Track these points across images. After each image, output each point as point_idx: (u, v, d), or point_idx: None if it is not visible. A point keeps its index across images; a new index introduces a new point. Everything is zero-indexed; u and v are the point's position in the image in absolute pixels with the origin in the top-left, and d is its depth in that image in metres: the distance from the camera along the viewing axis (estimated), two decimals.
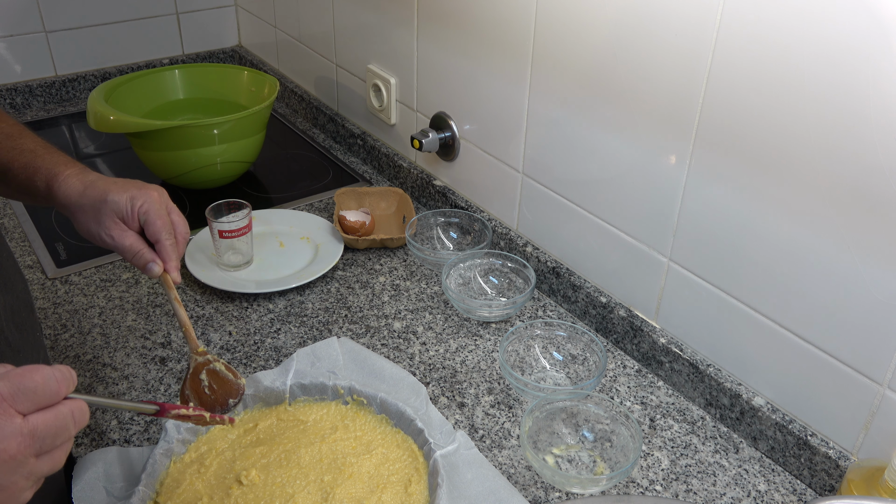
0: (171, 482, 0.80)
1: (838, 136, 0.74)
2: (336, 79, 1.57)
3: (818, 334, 0.82)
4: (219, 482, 0.80)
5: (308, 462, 0.82)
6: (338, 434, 0.86)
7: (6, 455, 0.50)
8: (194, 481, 0.80)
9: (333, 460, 0.82)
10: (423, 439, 0.84)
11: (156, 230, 0.81)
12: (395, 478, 0.81)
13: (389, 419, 0.89)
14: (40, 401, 0.52)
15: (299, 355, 0.95)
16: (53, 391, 0.53)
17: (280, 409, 0.90)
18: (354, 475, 0.81)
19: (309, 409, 0.90)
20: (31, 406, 0.52)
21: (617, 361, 1.04)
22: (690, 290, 0.95)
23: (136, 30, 1.79)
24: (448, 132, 1.26)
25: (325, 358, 0.95)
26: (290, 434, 0.86)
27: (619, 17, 0.91)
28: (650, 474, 0.87)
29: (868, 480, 0.75)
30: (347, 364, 0.96)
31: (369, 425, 0.88)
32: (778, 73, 0.77)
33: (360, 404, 0.90)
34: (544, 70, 1.04)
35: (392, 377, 0.94)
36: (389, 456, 0.84)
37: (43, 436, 0.52)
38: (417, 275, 1.19)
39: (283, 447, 0.84)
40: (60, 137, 1.63)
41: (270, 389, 0.90)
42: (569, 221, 1.09)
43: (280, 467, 0.81)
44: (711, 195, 0.88)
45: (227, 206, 1.15)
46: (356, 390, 0.90)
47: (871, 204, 0.73)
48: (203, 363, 0.79)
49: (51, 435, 0.53)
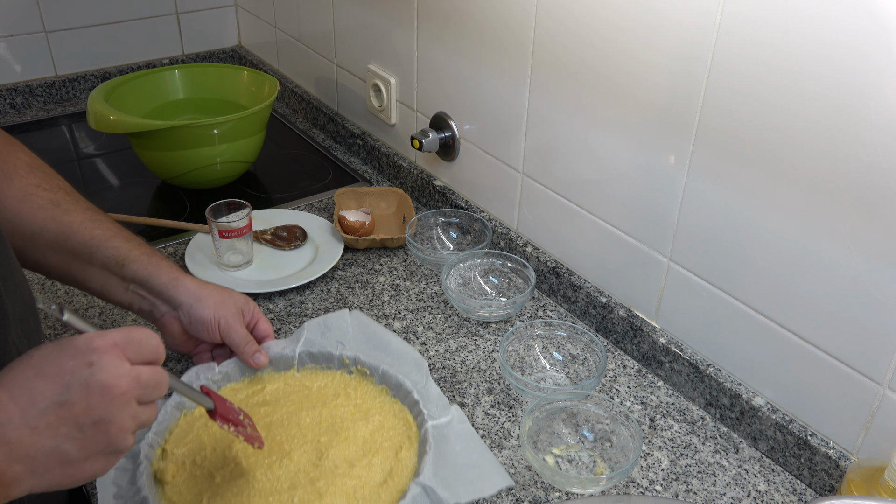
0: (179, 432, 0.86)
1: (838, 136, 0.74)
2: (336, 79, 1.57)
3: (818, 334, 0.82)
4: (223, 436, 0.85)
5: (308, 424, 0.87)
6: (339, 400, 0.91)
7: (117, 391, 0.57)
8: (200, 434, 0.85)
9: (332, 424, 0.88)
10: (417, 410, 0.89)
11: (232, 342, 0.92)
12: (387, 444, 0.86)
13: (389, 390, 0.93)
14: (144, 355, 0.60)
15: (310, 325, 1.00)
16: (154, 349, 0.61)
17: (288, 375, 0.95)
18: (349, 438, 0.86)
19: (315, 377, 0.95)
20: (137, 357, 0.60)
21: (617, 361, 1.04)
22: (690, 290, 0.95)
23: (136, 30, 1.79)
24: (448, 132, 1.26)
25: (335, 328, 1.01)
26: (295, 398, 0.91)
27: (620, 17, 0.91)
28: (650, 474, 0.87)
29: (868, 480, 0.75)
30: (356, 335, 1.01)
31: (369, 394, 0.93)
32: (778, 73, 0.77)
33: (362, 374, 0.95)
34: (544, 70, 1.04)
35: (397, 351, 0.99)
36: (385, 424, 0.89)
37: (145, 384, 0.59)
38: (417, 275, 1.19)
39: (286, 409, 0.89)
40: (60, 137, 1.63)
41: (280, 356, 0.96)
42: (569, 221, 1.09)
43: (281, 427, 0.87)
44: (711, 195, 0.88)
45: (227, 206, 1.15)
46: (360, 361, 0.95)
47: (871, 204, 0.73)
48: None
49: (151, 386, 0.60)
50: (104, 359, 0.57)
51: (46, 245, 0.85)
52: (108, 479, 0.78)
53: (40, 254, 0.76)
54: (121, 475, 0.79)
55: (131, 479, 0.78)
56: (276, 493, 0.79)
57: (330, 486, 0.79)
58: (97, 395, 0.56)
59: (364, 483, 0.81)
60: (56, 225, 0.85)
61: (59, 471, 0.56)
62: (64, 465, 0.56)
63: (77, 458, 0.56)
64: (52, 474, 0.56)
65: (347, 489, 0.79)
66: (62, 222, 0.86)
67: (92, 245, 0.86)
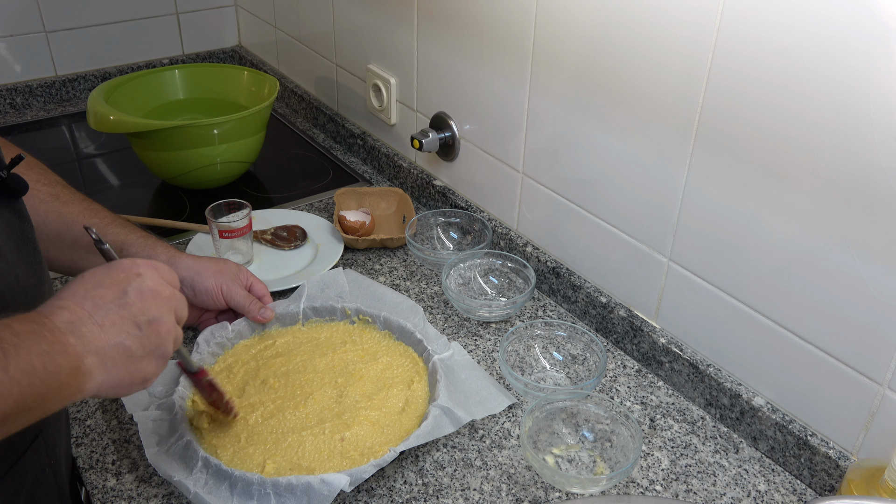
0: None
1: (838, 136, 0.74)
2: (336, 79, 1.57)
3: (818, 334, 0.82)
4: (246, 386, 0.93)
5: (322, 369, 0.95)
6: (347, 347, 0.99)
7: (164, 295, 0.67)
8: (224, 384, 0.91)
9: (344, 367, 0.96)
10: (422, 348, 0.97)
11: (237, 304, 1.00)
12: (398, 379, 0.94)
13: (392, 334, 1.01)
14: (167, 277, 0.69)
15: (309, 283, 1.08)
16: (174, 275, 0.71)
17: (295, 329, 1.03)
18: (364, 377, 0.94)
19: (320, 328, 1.03)
20: (166, 277, 0.69)
21: (617, 361, 1.04)
22: (690, 290, 0.95)
23: (136, 30, 1.79)
24: (448, 132, 1.26)
25: (332, 285, 1.09)
26: (305, 348, 0.99)
27: (620, 17, 0.91)
28: (650, 474, 0.87)
29: (868, 480, 0.75)
30: (353, 290, 1.09)
31: (374, 339, 1.01)
32: (778, 73, 0.77)
33: (365, 323, 1.03)
34: (544, 70, 1.04)
35: (392, 301, 1.07)
36: (393, 363, 0.97)
37: (178, 305, 0.69)
38: (417, 275, 1.19)
39: (299, 358, 0.97)
40: (60, 137, 1.63)
41: (286, 312, 1.03)
42: (569, 221, 1.09)
43: (298, 373, 0.94)
44: (711, 195, 0.88)
45: (227, 206, 1.15)
46: (362, 311, 1.03)
47: (872, 203, 0.73)
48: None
49: (181, 300, 0.70)
50: (149, 272, 0.67)
51: (49, 238, 0.88)
52: (149, 429, 0.84)
53: (43, 247, 0.77)
54: (160, 425, 0.85)
55: (171, 428, 0.84)
56: (308, 427, 0.87)
57: (355, 417, 0.88)
58: (149, 297, 0.65)
59: (385, 413, 0.89)
60: (57, 216, 0.89)
61: (124, 366, 0.63)
62: (128, 361, 0.63)
63: (138, 354, 0.64)
64: (118, 370, 0.62)
65: (371, 419, 0.88)
66: (62, 213, 0.90)
67: None
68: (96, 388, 0.61)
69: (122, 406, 0.92)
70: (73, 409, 0.92)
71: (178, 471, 0.79)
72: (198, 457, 0.80)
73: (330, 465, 0.82)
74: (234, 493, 0.77)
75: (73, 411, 0.92)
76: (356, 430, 0.86)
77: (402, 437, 0.85)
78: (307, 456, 0.83)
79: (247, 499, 0.77)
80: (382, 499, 0.83)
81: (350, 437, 0.85)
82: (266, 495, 0.76)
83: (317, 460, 0.83)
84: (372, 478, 0.84)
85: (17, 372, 0.54)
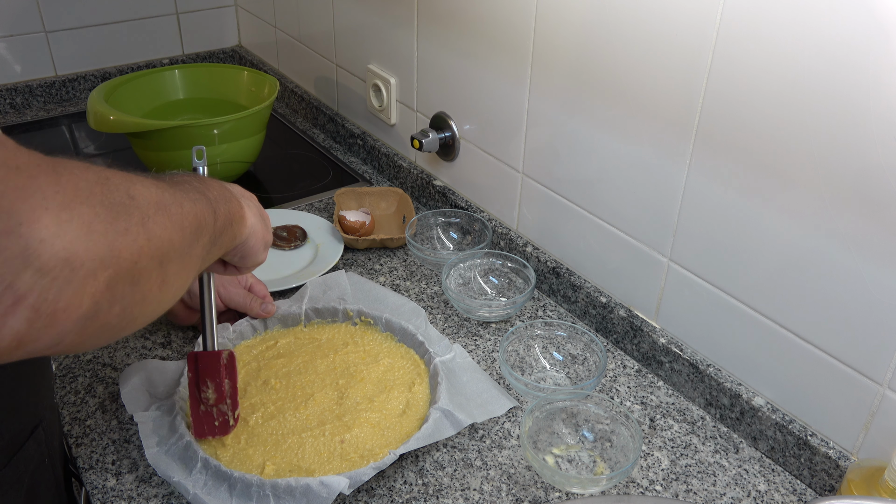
0: None
1: (839, 135, 0.74)
2: (336, 79, 1.57)
3: (818, 334, 0.82)
4: (247, 386, 0.93)
5: (324, 370, 0.95)
6: (348, 348, 0.99)
7: (262, 211, 0.78)
8: None
9: (346, 368, 0.96)
10: (423, 350, 0.98)
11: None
12: (399, 381, 0.94)
13: (394, 335, 1.01)
14: None
15: (311, 284, 1.09)
16: None
17: (297, 330, 1.03)
18: (365, 379, 0.94)
19: (322, 330, 1.03)
20: None
21: (617, 361, 1.04)
22: (690, 290, 0.95)
23: (136, 30, 1.79)
24: (448, 132, 1.26)
25: (334, 287, 1.09)
26: (307, 349, 0.99)
27: (620, 17, 0.91)
28: (650, 474, 0.87)
29: (868, 480, 0.75)
30: (355, 293, 1.09)
31: (376, 341, 1.01)
32: (778, 72, 0.77)
33: (367, 324, 1.03)
34: (544, 70, 1.04)
35: (394, 303, 1.07)
36: (395, 364, 0.97)
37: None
38: (417, 275, 1.19)
39: (301, 359, 0.97)
40: (60, 137, 1.63)
41: (288, 313, 1.03)
42: (569, 221, 1.09)
43: (300, 374, 0.95)
44: (711, 195, 0.88)
45: None
46: (364, 312, 1.03)
47: (872, 204, 0.73)
48: None
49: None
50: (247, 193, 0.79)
51: None
52: (149, 429, 0.84)
53: None
54: (160, 425, 0.85)
55: (171, 428, 0.85)
56: (308, 429, 0.87)
57: (355, 419, 0.88)
58: (258, 204, 0.78)
59: (386, 415, 0.89)
60: None
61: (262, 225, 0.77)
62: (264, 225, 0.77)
63: (262, 231, 0.76)
64: (260, 226, 0.76)
65: (372, 421, 0.88)
66: None
67: None
68: (248, 232, 0.73)
69: (123, 406, 0.92)
70: (73, 409, 0.92)
71: (177, 471, 0.79)
72: (197, 457, 0.80)
73: (329, 467, 0.82)
74: (233, 495, 0.77)
75: (73, 411, 0.92)
76: (356, 432, 0.86)
77: (403, 440, 0.85)
78: (307, 458, 0.84)
79: (246, 500, 0.77)
80: (382, 499, 0.83)
81: (350, 439, 0.85)
82: (265, 497, 0.77)
83: (316, 462, 0.83)
84: (372, 478, 0.84)
85: (214, 199, 0.64)
